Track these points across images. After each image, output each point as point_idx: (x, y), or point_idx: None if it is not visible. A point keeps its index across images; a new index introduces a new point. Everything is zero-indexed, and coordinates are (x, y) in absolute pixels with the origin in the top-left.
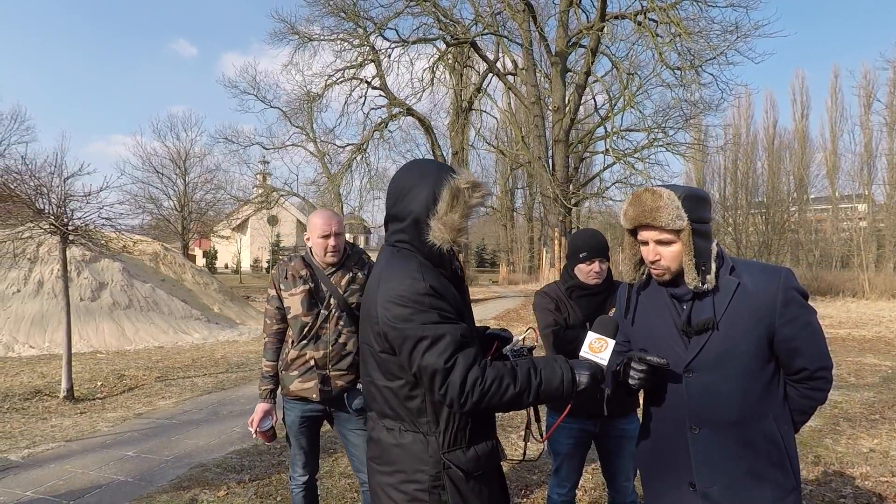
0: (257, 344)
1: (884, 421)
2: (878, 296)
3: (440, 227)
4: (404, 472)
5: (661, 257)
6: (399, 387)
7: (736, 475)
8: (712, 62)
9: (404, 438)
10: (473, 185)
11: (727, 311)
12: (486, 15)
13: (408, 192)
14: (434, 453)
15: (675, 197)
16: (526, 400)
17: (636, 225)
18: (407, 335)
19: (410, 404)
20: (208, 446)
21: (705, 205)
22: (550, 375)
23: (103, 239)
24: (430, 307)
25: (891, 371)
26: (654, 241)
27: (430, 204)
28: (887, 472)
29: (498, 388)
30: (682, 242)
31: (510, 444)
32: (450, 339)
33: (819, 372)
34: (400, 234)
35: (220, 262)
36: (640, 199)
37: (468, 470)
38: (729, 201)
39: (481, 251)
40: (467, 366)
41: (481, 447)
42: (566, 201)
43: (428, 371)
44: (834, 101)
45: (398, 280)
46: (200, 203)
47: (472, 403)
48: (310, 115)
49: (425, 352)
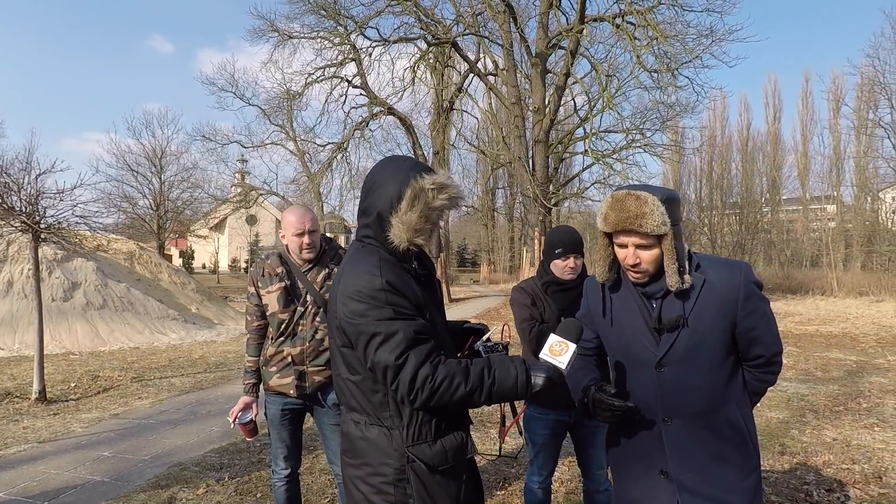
0: (236, 344)
1: (847, 412)
2: (845, 294)
3: (399, 226)
4: (371, 465)
5: (642, 261)
6: (361, 381)
7: (706, 460)
8: (688, 65)
9: (370, 432)
10: (440, 187)
11: (695, 307)
12: (467, 15)
13: (377, 188)
14: (398, 447)
15: (658, 202)
16: (478, 399)
17: (617, 229)
18: (362, 330)
19: (374, 398)
20: (187, 445)
21: (679, 207)
22: (504, 376)
23: (77, 238)
24: (385, 303)
25: (855, 365)
26: (635, 246)
27: (395, 201)
28: (848, 460)
29: (448, 387)
30: (664, 247)
31: (490, 440)
32: (402, 336)
33: (774, 357)
34: (366, 229)
35: (198, 262)
36: (622, 204)
37: (433, 464)
38: (705, 202)
39: (462, 251)
40: (418, 363)
41: (449, 441)
42: (546, 201)
43: (380, 367)
44: (805, 104)
45: (357, 276)
46: (177, 202)
47: (422, 400)
48: (290, 113)
49: (378, 348)
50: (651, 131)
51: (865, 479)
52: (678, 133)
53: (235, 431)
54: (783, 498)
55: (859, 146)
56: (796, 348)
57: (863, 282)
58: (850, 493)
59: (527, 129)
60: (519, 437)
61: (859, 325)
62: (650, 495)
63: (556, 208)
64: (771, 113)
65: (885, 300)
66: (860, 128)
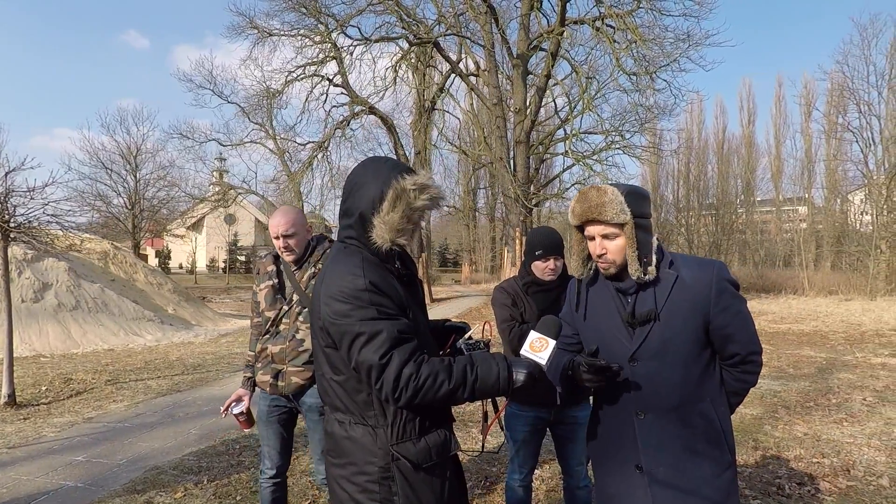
0: (214, 345)
1: (817, 408)
2: (816, 293)
3: (381, 226)
4: (355, 464)
5: (607, 251)
6: (345, 380)
7: (678, 455)
8: (666, 69)
9: (354, 431)
10: (421, 188)
11: (667, 302)
12: (448, 16)
13: (359, 188)
14: (383, 445)
15: (618, 193)
16: (461, 396)
17: (583, 221)
18: (345, 331)
19: (358, 398)
20: (164, 449)
21: (646, 201)
22: (487, 373)
23: (48, 237)
24: (369, 303)
25: (825, 362)
26: (601, 236)
27: (377, 202)
28: (818, 454)
29: (432, 385)
30: (626, 236)
31: (470, 438)
32: (386, 336)
33: (750, 356)
34: (348, 229)
35: (174, 262)
36: (586, 196)
37: (418, 461)
38: (682, 203)
39: (444, 251)
40: (402, 362)
41: (433, 438)
42: (527, 202)
43: (364, 366)
44: (778, 108)
45: (340, 276)
46: (153, 200)
47: (406, 399)
48: (269, 111)
49: (362, 347)
50: (630, 133)
51: (834, 472)
52: (656, 135)
53: (214, 434)
54: (756, 492)
55: (829, 150)
56: (770, 346)
57: (832, 281)
58: (820, 486)
59: (508, 129)
60: (501, 436)
61: (829, 323)
62: (628, 491)
63: (536, 209)
64: (746, 116)
65: (854, 299)
66: (830, 132)
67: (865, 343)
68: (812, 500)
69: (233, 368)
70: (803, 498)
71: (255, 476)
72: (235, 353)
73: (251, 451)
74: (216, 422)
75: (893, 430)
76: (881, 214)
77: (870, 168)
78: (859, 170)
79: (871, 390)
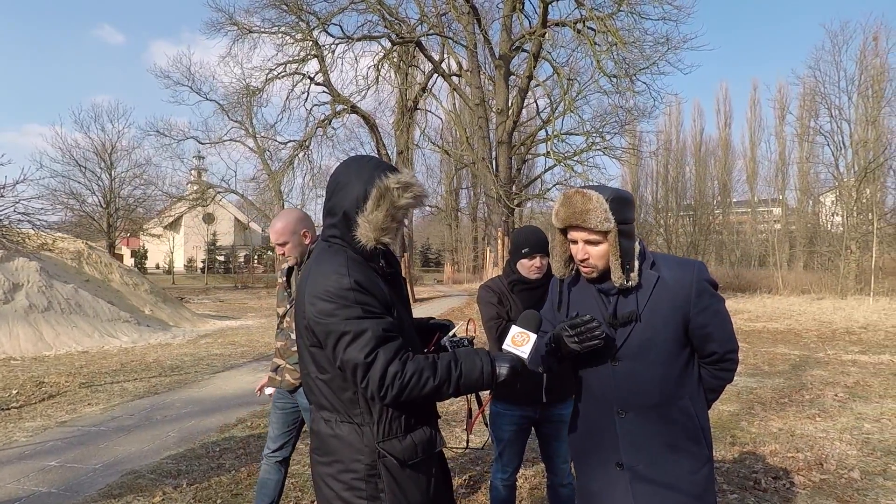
0: (192, 347)
1: (791, 404)
2: (789, 292)
3: (365, 225)
4: (341, 461)
5: (590, 256)
6: (331, 379)
7: (658, 451)
8: (646, 71)
9: (340, 429)
10: (404, 186)
11: (648, 303)
12: (431, 15)
13: (342, 187)
14: (369, 443)
15: (603, 200)
16: (446, 392)
17: (566, 225)
18: (330, 330)
19: (343, 396)
20: (141, 452)
21: (630, 206)
22: (470, 368)
23: (18, 236)
24: (354, 302)
25: (798, 360)
26: (584, 241)
27: (361, 201)
28: (793, 449)
29: (417, 382)
30: (609, 243)
31: (454, 437)
32: (371, 335)
33: (728, 354)
34: (332, 228)
35: (151, 262)
36: (570, 200)
37: (404, 458)
38: (660, 203)
39: (426, 251)
40: (387, 360)
41: (418, 435)
42: (509, 202)
43: (350, 365)
44: (753, 112)
45: (325, 275)
46: (128, 199)
47: (392, 396)
48: (249, 109)
49: (347, 346)
50: (610, 134)
51: (808, 466)
52: (636, 137)
53: (194, 437)
54: (734, 486)
55: (802, 152)
56: (746, 344)
57: (805, 280)
58: (795, 480)
59: (490, 130)
60: (485, 433)
61: (802, 321)
62: (608, 488)
63: (518, 209)
64: (722, 119)
65: (825, 297)
66: (803, 135)
67: (836, 340)
68: (787, 494)
69: (212, 370)
70: (779, 492)
71: (236, 478)
72: (214, 354)
73: (232, 454)
74: (195, 424)
75: (864, 424)
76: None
77: (840, 171)
78: (830, 172)
79: (842, 386)
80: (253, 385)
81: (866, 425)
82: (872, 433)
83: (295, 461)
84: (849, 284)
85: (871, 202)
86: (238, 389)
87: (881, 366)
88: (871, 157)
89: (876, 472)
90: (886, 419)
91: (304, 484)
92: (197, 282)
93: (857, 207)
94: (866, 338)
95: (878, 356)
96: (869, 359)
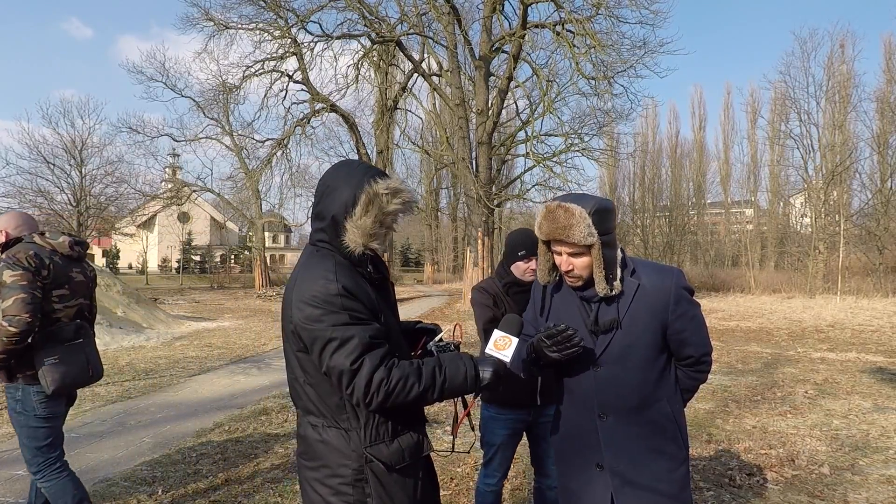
0: (167, 349)
1: (764, 401)
2: (761, 291)
3: (354, 231)
4: (329, 466)
5: (574, 267)
6: (317, 384)
7: (638, 452)
8: (623, 74)
9: (327, 434)
10: (393, 192)
11: (629, 310)
12: (411, 15)
13: (331, 192)
14: (356, 448)
15: (586, 214)
16: (431, 397)
17: (550, 239)
18: (317, 336)
19: (330, 401)
20: (114, 459)
21: (611, 216)
22: (454, 373)
23: None
24: (341, 308)
25: (770, 357)
26: (567, 254)
27: (349, 206)
28: (766, 445)
29: (403, 388)
30: (593, 256)
31: (437, 440)
32: (357, 341)
33: (703, 357)
34: (320, 233)
35: (124, 262)
36: (553, 215)
37: (391, 463)
38: (637, 204)
39: (406, 251)
40: (373, 367)
41: (405, 440)
42: (489, 202)
43: (335, 371)
44: (727, 115)
45: (312, 280)
46: (100, 197)
47: (377, 403)
48: (226, 106)
49: (333, 353)
50: (589, 136)
51: (780, 462)
52: (614, 138)
53: (169, 443)
54: (710, 483)
55: (773, 155)
56: (720, 343)
57: (776, 280)
58: (768, 476)
59: (470, 130)
60: (470, 436)
61: (773, 320)
62: (587, 487)
63: (498, 209)
64: (697, 122)
65: (795, 297)
66: (774, 138)
67: (806, 339)
68: (761, 490)
69: (188, 373)
70: (753, 488)
71: (213, 485)
72: (190, 356)
73: (209, 459)
74: (171, 429)
75: (832, 420)
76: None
77: (809, 173)
78: (800, 175)
79: (811, 383)
80: (230, 388)
81: (835, 421)
82: (840, 429)
83: (277, 467)
84: (817, 284)
85: (839, 204)
86: (215, 393)
87: (848, 363)
88: (838, 160)
89: (844, 468)
90: (854, 415)
91: (284, 489)
92: (172, 282)
93: (824, 209)
94: (834, 336)
95: (846, 354)
96: (836, 356)
